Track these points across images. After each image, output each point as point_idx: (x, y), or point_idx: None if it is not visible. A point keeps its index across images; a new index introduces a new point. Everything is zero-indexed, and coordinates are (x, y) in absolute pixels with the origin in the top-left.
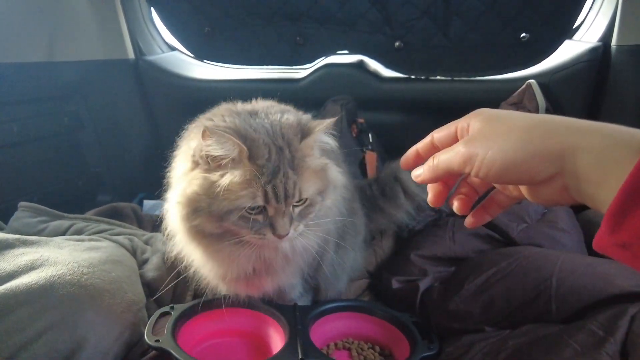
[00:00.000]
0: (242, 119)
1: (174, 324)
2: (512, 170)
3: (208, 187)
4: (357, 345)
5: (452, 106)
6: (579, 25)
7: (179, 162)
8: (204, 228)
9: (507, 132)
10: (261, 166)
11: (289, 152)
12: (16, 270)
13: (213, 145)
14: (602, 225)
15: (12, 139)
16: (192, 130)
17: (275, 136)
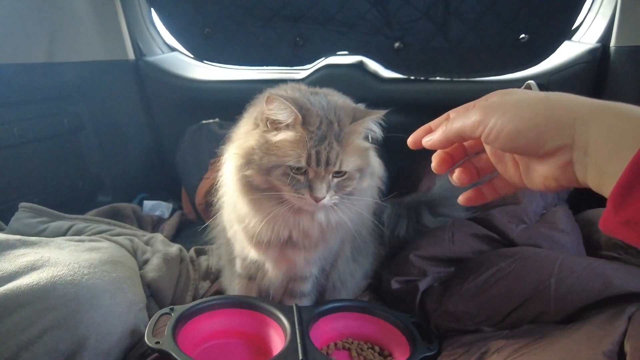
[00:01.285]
0: (302, 93)
1: (174, 325)
2: (521, 136)
3: (263, 143)
4: (357, 345)
5: (451, 107)
6: (578, 26)
7: (243, 123)
8: (252, 179)
9: (520, 102)
10: (310, 132)
11: (338, 127)
12: (17, 270)
13: (274, 110)
14: (608, 203)
15: (13, 140)
16: (259, 98)
17: (328, 111)
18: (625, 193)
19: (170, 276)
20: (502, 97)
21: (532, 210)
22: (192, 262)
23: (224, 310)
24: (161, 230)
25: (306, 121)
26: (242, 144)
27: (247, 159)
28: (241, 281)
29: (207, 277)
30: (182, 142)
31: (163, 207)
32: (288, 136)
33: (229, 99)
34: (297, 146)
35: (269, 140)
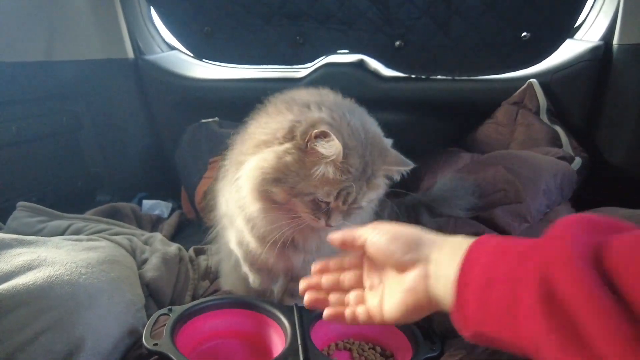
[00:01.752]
0: (346, 117)
1: (173, 326)
2: (387, 248)
3: (300, 167)
4: (358, 345)
5: (452, 106)
6: (581, 24)
7: (266, 123)
8: (275, 196)
9: (390, 229)
10: (348, 173)
11: (371, 170)
12: (13, 270)
13: (323, 143)
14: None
15: (11, 139)
16: (280, 102)
17: (365, 149)
18: (459, 312)
19: (169, 276)
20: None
21: (535, 209)
22: (191, 262)
23: (223, 310)
24: (160, 230)
25: (347, 162)
26: (274, 159)
27: (278, 176)
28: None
29: (207, 276)
30: (181, 141)
31: (162, 207)
32: (328, 172)
33: (229, 98)
34: (332, 184)
35: (308, 168)
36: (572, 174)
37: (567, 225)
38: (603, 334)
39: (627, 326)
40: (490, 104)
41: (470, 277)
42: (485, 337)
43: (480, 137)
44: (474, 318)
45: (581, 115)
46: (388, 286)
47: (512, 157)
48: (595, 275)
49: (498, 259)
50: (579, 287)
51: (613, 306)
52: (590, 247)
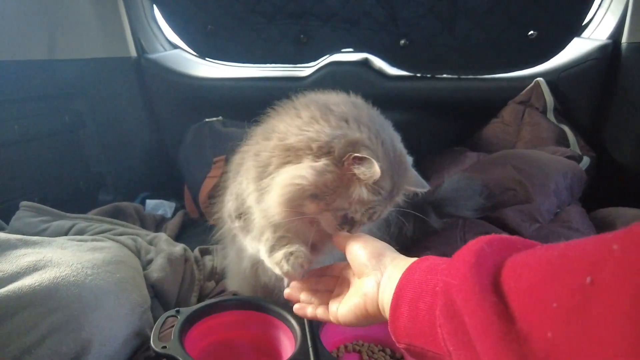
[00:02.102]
0: (380, 137)
1: (181, 328)
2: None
3: (337, 186)
4: (368, 347)
5: (458, 105)
6: (588, 23)
7: (299, 127)
8: (306, 209)
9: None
10: (379, 195)
11: (397, 190)
12: (19, 271)
13: (362, 167)
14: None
15: (14, 138)
16: (315, 107)
17: (394, 170)
18: (393, 324)
19: (174, 276)
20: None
21: (546, 209)
22: (196, 262)
23: (231, 312)
24: (164, 230)
25: (379, 184)
26: (313, 175)
27: (316, 192)
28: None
29: (212, 277)
30: (184, 140)
31: (166, 206)
32: (362, 193)
33: (232, 97)
34: (364, 203)
35: (345, 187)
36: (581, 174)
37: (473, 247)
38: (478, 334)
39: (498, 327)
40: (497, 103)
41: (403, 293)
42: (415, 351)
43: (487, 137)
44: (406, 330)
45: (589, 114)
46: (350, 292)
47: (521, 156)
48: (483, 291)
49: (426, 277)
50: (467, 301)
51: (488, 316)
52: (491, 267)
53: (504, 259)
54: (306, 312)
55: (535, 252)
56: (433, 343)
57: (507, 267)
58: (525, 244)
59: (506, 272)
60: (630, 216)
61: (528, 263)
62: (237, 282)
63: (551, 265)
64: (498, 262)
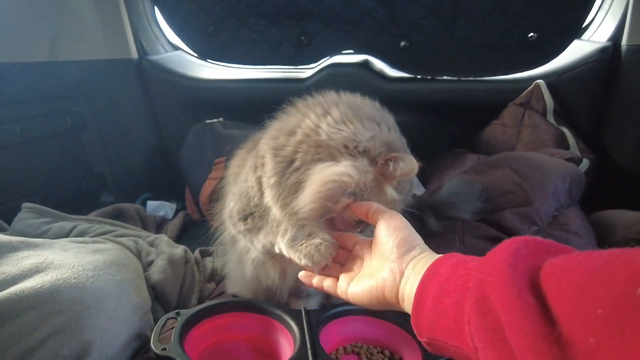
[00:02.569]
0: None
1: (181, 330)
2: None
3: (374, 185)
4: (367, 349)
5: (458, 106)
6: (588, 25)
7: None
8: (338, 205)
9: (401, 220)
10: (401, 195)
11: (411, 191)
12: (20, 273)
13: (401, 164)
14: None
15: (16, 139)
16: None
17: None
18: (416, 317)
19: (175, 278)
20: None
21: (544, 212)
22: (197, 264)
23: (231, 313)
24: (165, 231)
25: (403, 184)
26: (357, 174)
27: (355, 190)
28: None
29: (213, 278)
30: (185, 142)
31: (167, 208)
32: (391, 192)
33: (233, 98)
34: (390, 202)
35: (380, 188)
36: (580, 176)
37: (510, 246)
38: (516, 333)
39: (539, 328)
40: (497, 105)
41: (428, 287)
42: (437, 345)
43: (486, 138)
44: (429, 324)
45: (588, 116)
46: (365, 271)
47: (520, 158)
48: (520, 291)
49: (454, 272)
50: (503, 300)
51: (528, 316)
52: (528, 268)
53: (541, 261)
54: (312, 281)
55: (575, 257)
56: (458, 339)
57: (546, 269)
58: (558, 248)
59: (545, 275)
60: (629, 219)
61: (569, 268)
62: (239, 287)
63: (597, 272)
64: (535, 264)
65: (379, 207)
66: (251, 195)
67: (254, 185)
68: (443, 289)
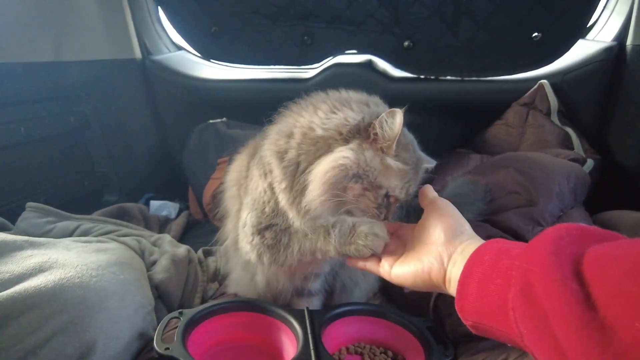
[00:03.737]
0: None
1: (184, 329)
2: (444, 215)
3: (377, 162)
4: (370, 349)
5: (462, 106)
6: (593, 24)
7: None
8: (350, 191)
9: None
10: (407, 165)
11: (419, 163)
12: (25, 272)
13: (387, 122)
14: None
15: (20, 139)
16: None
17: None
18: (461, 302)
19: (178, 278)
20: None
21: (549, 212)
22: (200, 264)
23: (234, 313)
24: (168, 231)
25: (405, 154)
26: (354, 155)
27: (359, 172)
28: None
29: (216, 278)
30: (189, 142)
31: (170, 207)
32: (397, 165)
33: (236, 98)
34: (400, 177)
35: (383, 163)
36: (584, 177)
37: (552, 234)
38: (559, 320)
39: (581, 314)
40: (500, 105)
41: (472, 273)
42: (482, 328)
43: (490, 139)
44: (473, 309)
45: (593, 116)
46: (411, 254)
47: (524, 159)
48: (563, 278)
49: (498, 259)
50: (546, 288)
51: (570, 303)
52: (571, 256)
53: (584, 248)
54: (357, 263)
55: (620, 244)
56: (503, 323)
57: (589, 257)
58: (603, 234)
59: (588, 262)
60: (633, 220)
61: (614, 254)
62: (242, 284)
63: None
64: (578, 251)
65: (430, 192)
66: (265, 200)
67: (267, 190)
68: (486, 275)
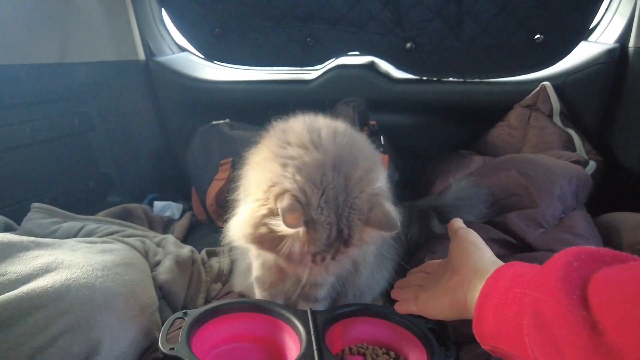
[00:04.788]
0: (325, 181)
1: (188, 330)
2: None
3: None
4: (372, 350)
5: (464, 108)
6: (595, 26)
7: (259, 165)
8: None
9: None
10: (314, 246)
11: (348, 234)
12: (31, 273)
13: (282, 223)
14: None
15: (25, 140)
16: (274, 141)
17: (341, 215)
18: (479, 327)
19: (182, 278)
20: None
21: (550, 214)
22: (203, 264)
23: (237, 314)
24: (172, 231)
25: (314, 236)
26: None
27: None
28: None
29: (219, 279)
30: (192, 143)
31: (173, 208)
32: (295, 246)
33: (240, 100)
34: (301, 254)
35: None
36: (587, 179)
37: (561, 259)
38: (568, 347)
39: (588, 341)
40: (503, 107)
41: (488, 299)
42: (500, 352)
43: (492, 140)
44: (490, 334)
45: (595, 118)
46: (442, 285)
47: (526, 161)
48: (571, 305)
49: (512, 286)
50: (555, 316)
51: (578, 330)
52: (579, 281)
53: (592, 272)
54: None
55: (628, 267)
56: (519, 348)
57: (595, 281)
58: (614, 256)
59: (594, 287)
60: (636, 221)
61: (620, 278)
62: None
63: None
64: (586, 276)
65: (455, 223)
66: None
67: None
68: (502, 301)
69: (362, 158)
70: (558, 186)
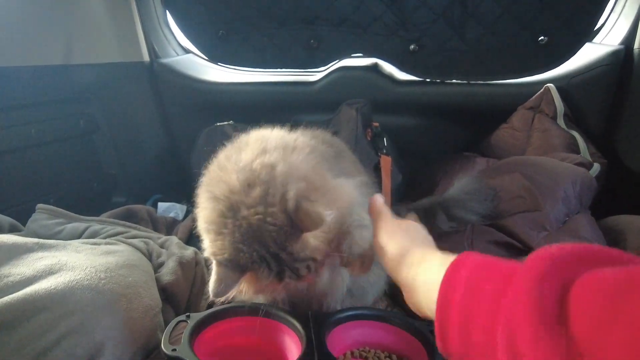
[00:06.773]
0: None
1: (191, 333)
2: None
3: None
4: (374, 354)
5: (468, 110)
6: (600, 28)
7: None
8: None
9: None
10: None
11: (288, 252)
12: (35, 274)
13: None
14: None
15: (30, 141)
16: (216, 170)
17: (266, 239)
18: (444, 348)
19: (185, 280)
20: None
21: (554, 218)
22: (207, 266)
23: (240, 317)
24: (175, 232)
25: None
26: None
27: None
28: None
29: None
30: (196, 144)
31: (177, 209)
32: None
33: (243, 101)
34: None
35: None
36: (591, 181)
37: (536, 266)
38: None
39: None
40: (506, 109)
41: (449, 314)
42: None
43: (496, 142)
44: (459, 354)
45: (599, 120)
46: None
47: (530, 163)
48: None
49: (473, 296)
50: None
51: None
52: (558, 288)
53: (574, 277)
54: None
55: (604, 275)
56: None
57: (576, 288)
58: (599, 256)
59: (574, 293)
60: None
61: (596, 288)
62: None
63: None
64: (568, 280)
65: (379, 205)
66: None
67: None
68: (465, 317)
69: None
70: (562, 189)
